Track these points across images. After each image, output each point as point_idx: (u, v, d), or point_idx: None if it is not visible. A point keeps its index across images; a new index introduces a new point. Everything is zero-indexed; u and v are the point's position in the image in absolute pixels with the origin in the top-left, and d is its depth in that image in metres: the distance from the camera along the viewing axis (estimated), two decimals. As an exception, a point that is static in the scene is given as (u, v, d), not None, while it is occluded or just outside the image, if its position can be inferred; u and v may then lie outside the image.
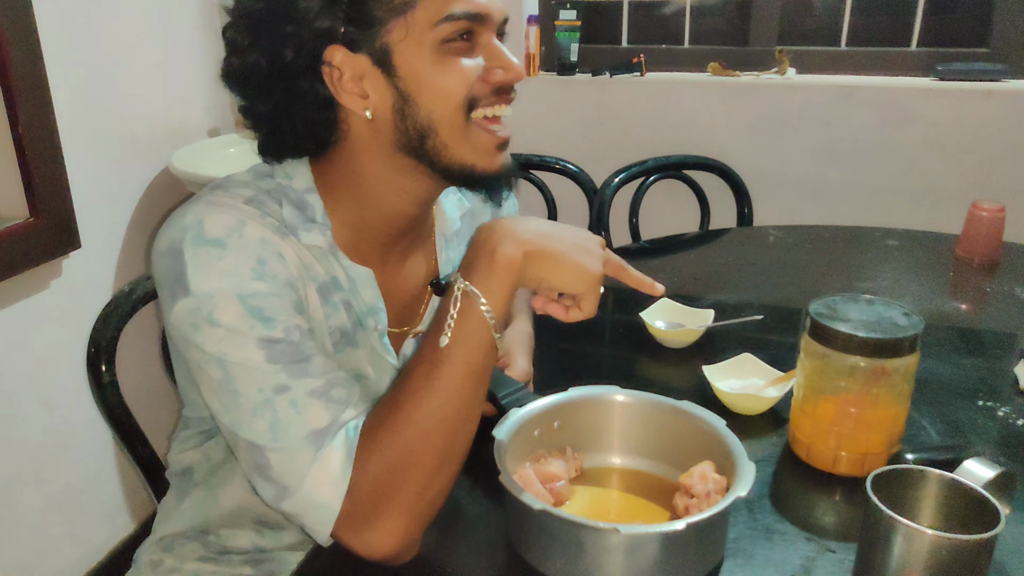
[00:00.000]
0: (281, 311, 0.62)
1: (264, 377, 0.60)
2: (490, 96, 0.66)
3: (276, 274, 0.62)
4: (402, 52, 0.63)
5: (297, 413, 0.60)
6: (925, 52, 1.79)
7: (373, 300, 0.72)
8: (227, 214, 0.63)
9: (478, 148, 0.67)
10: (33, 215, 1.27)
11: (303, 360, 0.61)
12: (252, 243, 0.62)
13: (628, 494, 0.69)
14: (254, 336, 0.60)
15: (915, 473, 0.59)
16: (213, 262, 0.61)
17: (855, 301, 0.74)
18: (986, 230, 1.27)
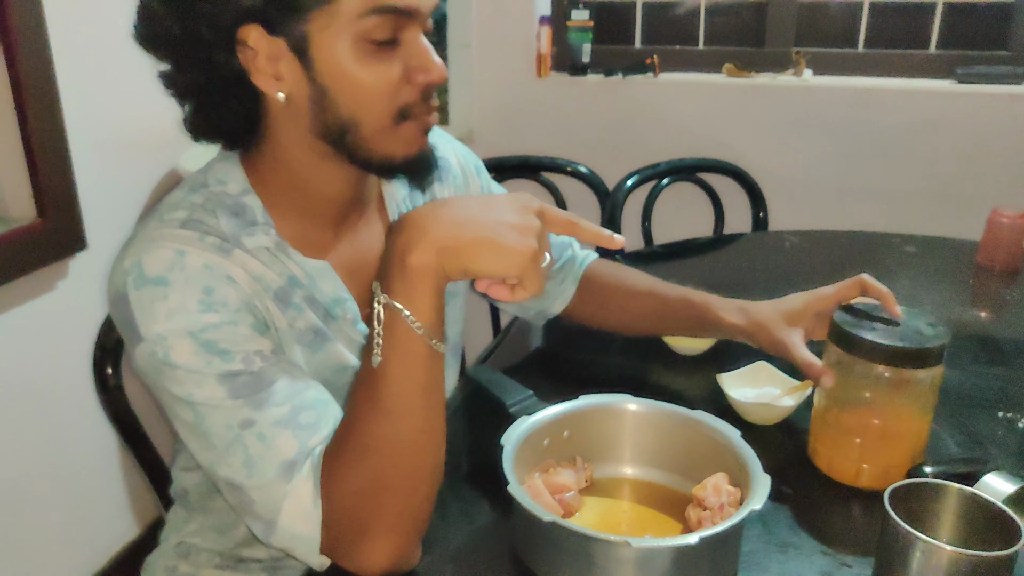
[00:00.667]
0: (237, 340, 0.60)
1: (230, 414, 0.59)
2: (421, 104, 0.64)
3: (226, 301, 0.61)
4: (321, 44, 0.60)
5: (266, 447, 0.59)
6: (944, 55, 1.76)
7: (335, 291, 0.70)
8: (164, 247, 0.61)
9: (403, 141, 0.65)
10: (40, 216, 1.27)
11: (266, 388, 0.60)
12: (195, 274, 0.61)
13: (639, 505, 0.68)
14: (213, 373, 0.59)
15: (934, 487, 0.58)
16: (158, 303, 0.59)
17: (880, 309, 0.73)
18: (1007, 237, 1.25)
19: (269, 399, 0.60)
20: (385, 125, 0.63)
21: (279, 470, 0.59)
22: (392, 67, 0.62)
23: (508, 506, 0.62)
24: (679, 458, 0.69)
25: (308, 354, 0.69)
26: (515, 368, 0.95)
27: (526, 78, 1.95)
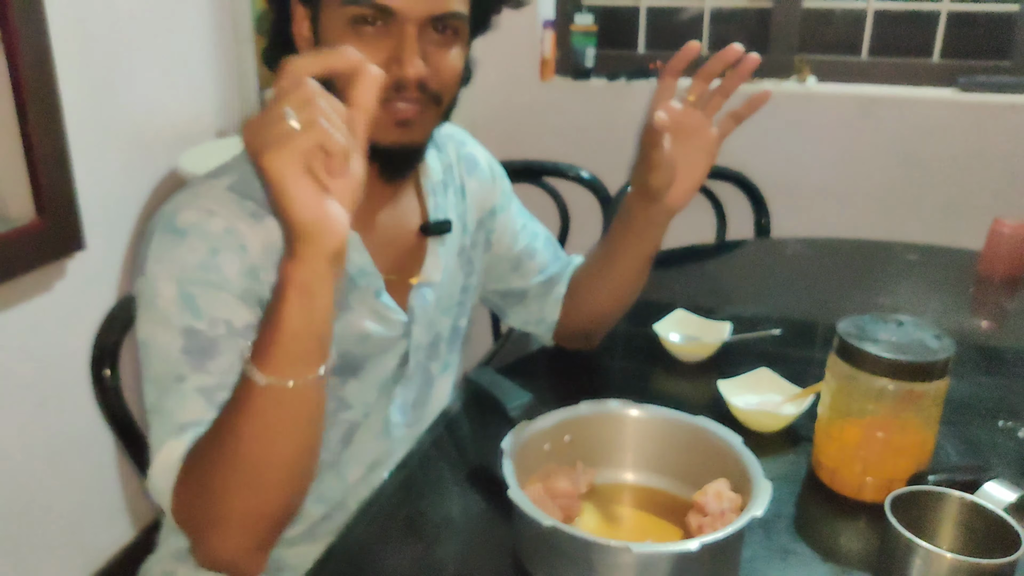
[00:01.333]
0: (214, 304, 0.65)
1: (173, 365, 0.64)
2: (390, 91, 0.67)
3: (223, 267, 0.65)
4: (326, 19, 0.68)
5: (180, 405, 0.64)
6: (947, 64, 1.77)
7: (361, 262, 0.74)
8: (202, 204, 0.67)
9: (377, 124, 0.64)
10: (39, 216, 1.27)
11: (211, 357, 0.64)
12: (213, 234, 0.66)
13: (640, 511, 0.68)
14: (180, 325, 0.64)
15: (935, 495, 0.58)
16: (170, 249, 0.66)
17: (884, 321, 0.72)
18: (1008, 247, 1.25)
19: (207, 366, 0.64)
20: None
21: (176, 428, 0.63)
22: (374, 52, 0.67)
23: (509, 511, 0.62)
24: (680, 464, 0.69)
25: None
26: (515, 373, 0.95)
27: (529, 82, 1.95)
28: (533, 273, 0.94)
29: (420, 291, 0.80)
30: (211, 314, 0.65)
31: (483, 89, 1.97)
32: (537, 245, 0.95)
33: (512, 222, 0.93)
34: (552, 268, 0.95)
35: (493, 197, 0.91)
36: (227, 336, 0.65)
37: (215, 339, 0.65)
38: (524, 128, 1.97)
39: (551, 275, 0.94)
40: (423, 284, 0.80)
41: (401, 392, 0.81)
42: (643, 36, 2.01)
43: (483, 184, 0.90)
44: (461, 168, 0.88)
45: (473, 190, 0.88)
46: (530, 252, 0.94)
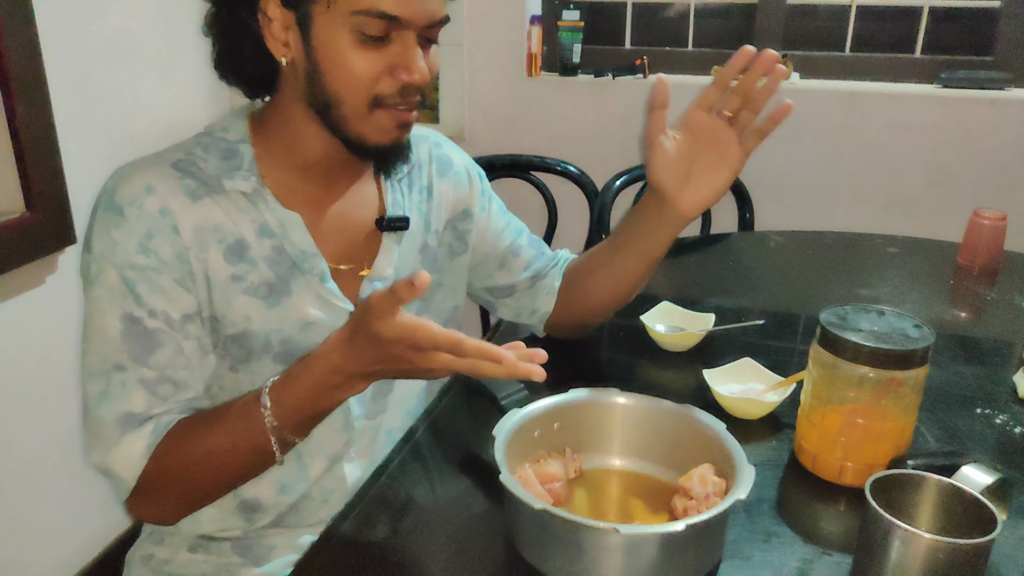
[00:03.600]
0: (152, 290, 0.69)
1: (112, 350, 0.69)
2: (395, 96, 0.70)
3: (159, 250, 0.69)
4: (320, 25, 0.67)
5: (122, 394, 0.69)
6: (929, 59, 1.79)
7: (305, 244, 0.75)
8: (141, 179, 0.70)
9: (377, 128, 0.72)
10: (29, 209, 1.26)
11: (149, 350, 0.69)
12: (147, 216, 0.69)
13: (627, 495, 0.69)
14: (120, 309, 0.69)
15: (914, 478, 0.59)
16: (110, 229, 0.69)
17: (866, 311, 0.74)
18: (987, 238, 1.27)
19: (146, 359, 0.69)
20: (361, 109, 0.70)
21: (121, 417, 0.69)
22: (379, 60, 0.68)
23: (500, 495, 0.63)
24: (666, 450, 0.70)
25: (263, 308, 0.74)
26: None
27: (517, 78, 1.95)
28: (520, 269, 0.95)
29: (371, 285, 0.80)
30: (150, 305, 0.69)
31: (471, 85, 1.98)
32: (521, 242, 0.96)
33: (494, 222, 0.94)
34: (538, 263, 0.96)
35: (468, 200, 0.91)
36: (166, 329, 0.70)
37: (154, 331, 0.69)
38: (512, 123, 1.97)
39: (537, 269, 0.95)
40: (374, 278, 0.80)
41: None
42: (629, 32, 2.02)
43: (457, 186, 0.90)
44: (431, 168, 0.88)
45: (444, 191, 0.88)
46: (515, 249, 0.95)
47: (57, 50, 1.31)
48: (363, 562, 0.62)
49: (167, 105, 1.64)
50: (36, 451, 1.38)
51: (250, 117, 0.77)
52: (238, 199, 0.73)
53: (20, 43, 1.21)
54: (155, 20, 1.57)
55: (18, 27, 1.21)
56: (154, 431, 0.69)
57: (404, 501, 0.70)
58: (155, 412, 0.70)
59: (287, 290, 0.75)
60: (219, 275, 0.72)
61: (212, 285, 0.72)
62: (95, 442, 0.70)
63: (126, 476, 0.69)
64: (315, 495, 0.81)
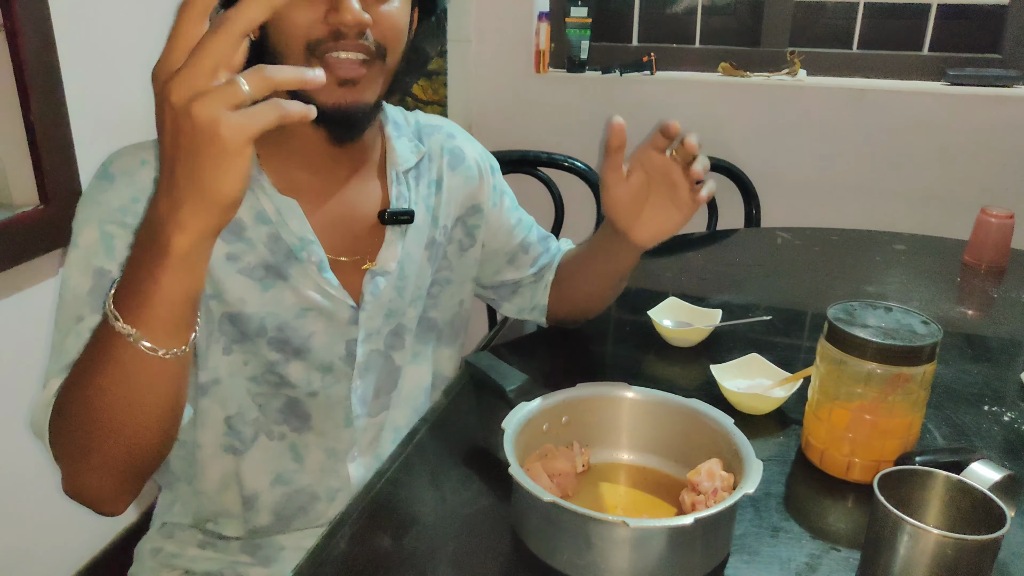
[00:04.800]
0: (126, 245, 0.67)
1: (77, 304, 0.67)
2: (328, 41, 0.66)
3: (141, 212, 0.67)
4: None
5: (75, 341, 0.66)
6: (937, 57, 1.79)
7: (302, 231, 0.74)
8: (137, 154, 0.69)
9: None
10: (43, 203, 1.27)
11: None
12: (139, 182, 0.68)
13: (635, 490, 0.69)
14: (94, 265, 0.67)
15: (922, 474, 0.59)
16: (99, 193, 0.68)
17: (873, 307, 0.74)
18: (995, 237, 1.27)
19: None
20: (298, 59, 0.66)
21: (61, 367, 0.65)
22: (314, 7, 0.65)
23: (508, 488, 0.64)
24: (674, 444, 0.70)
25: (258, 291, 0.73)
26: (513, 357, 0.96)
27: (525, 74, 1.96)
28: (527, 265, 0.95)
29: (374, 279, 0.79)
30: (122, 258, 0.67)
31: (480, 81, 1.98)
32: (532, 239, 0.96)
33: (506, 218, 0.93)
34: (543, 259, 0.96)
35: (479, 194, 0.90)
36: None
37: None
38: (520, 119, 1.97)
39: (543, 265, 0.96)
40: (376, 272, 0.79)
41: (361, 383, 0.80)
42: (637, 29, 2.02)
43: (468, 180, 0.88)
44: (442, 161, 0.87)
45: (454, 185, 0.87)
46: (525, 246, 0.95)
47: (72, 45, 1.31)
48: (369, 558, 0.62)
49: None
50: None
51: None
52: None
53: (36, 39, 1.22)
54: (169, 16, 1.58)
55: (35, 23, 1.22)
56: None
57: (410, 497, 0.70)
58: None
59: (284, 274, 0.73)
60: (215, 252, 0.68)
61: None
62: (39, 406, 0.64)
63: (39, 421, 0.63)
64: (320, 494, 0.80)
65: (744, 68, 1.87)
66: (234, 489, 0.79)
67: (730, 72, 1.86)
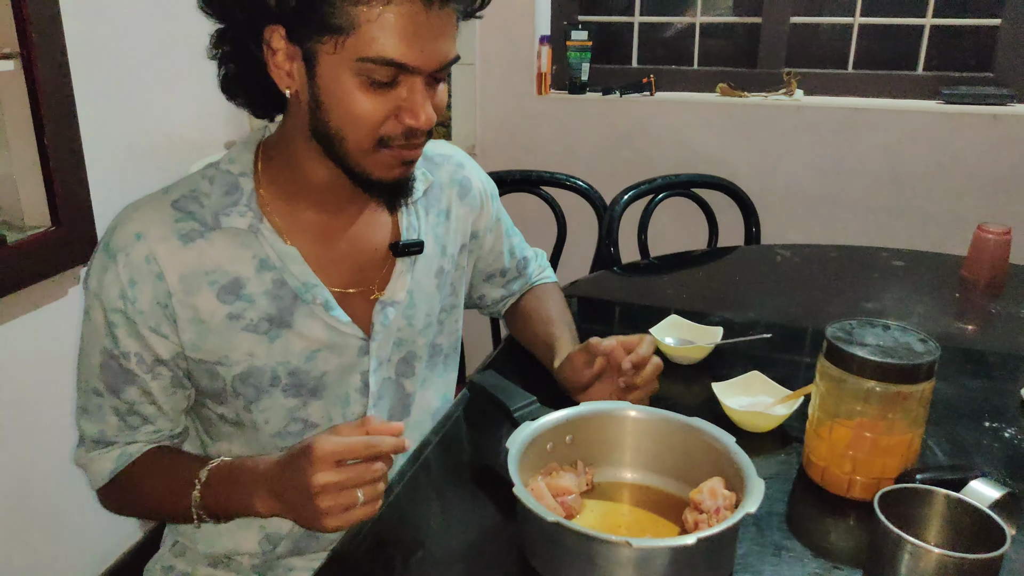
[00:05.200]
0: (130, 335, 0.73)
1: (92, 377, 0.75)
2: (400, 138, 0.69)
3: (138, 298, 0.72)
4: (326, 64, 0.66)
5: (99, 416, 0.76)
6: (931, 76, 1.81)
7: (305, 276, 0.75)
8: (134, 226, 0.72)
9: (380, 164, 0.71)
10: (55, 224, 1.30)
11: (122, 384, 0.75)
12: (132, 265, 0.71)
13: (638, 508, 0.70)
14: (101, 344, 0.74)
15: (923, 492, 0.60)
16: (102, 272, 0.73)
17: (872, 326, 0.74)
18: (992, 252, 1.28)
19: (119, 392, 0.75)
20: (365, 147, 0.69)
21: (95, 437, 0.77)
22: (384, 103, 0.67)
23: (512, 508, 0.64)
24: (677, 463, 0.71)
25: (265, 343, 0.74)
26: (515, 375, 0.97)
27: (527, 96, 1.99)
28: (499, 286, 1.02)
29: (384, 309, 0.80)
30: (125, 347, 0.73)
31: (484, 103, 2.02)
32: (513, 264, 1.01)
33: (497, 243, 0.97)
34: (516, 284, 1.03)
35: (479, 222, 0.93)
36: (137, 370, 0.74)
37: (128, 369, 0.74)
38: (523, 140, 2.00)
39: (512, 292, 1.03)
40: (386, 302, 0.80)
41: (375, 411, 0.82)
42: (636, 51, 2.05)
43: (472, 210, 0.91)
44: (452, 192, 0.89)
45: (461, 215, 0.90)
46: (505, 271, 1.00)
47: (84, 70, 1.34)
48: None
49: (189, 122, 1.68)
50: (58, 457, 1.40)
51: (260, 146, 0.77)
52: (238, 234, 0.73)
53: (51, 67, 1.25)
54: (177, 43, 1.61)
55: (50, 51, 1.25)
56: (119, 458, 0.77)
57: (415, 517, 0.71)
58: (123, 439, 0.77)
59: (288, 322, 0.75)
60: (214, 316, 0.72)
61: (207, 327, 0.72)
62: (79, 442, 0.80)
63: (94, 483, 0.79)
64: None
65: (742, 89, 1.89)
66: (255, 527, 0.80)
67: (728, 93, 1.89)
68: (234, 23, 0.69)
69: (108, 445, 0.77)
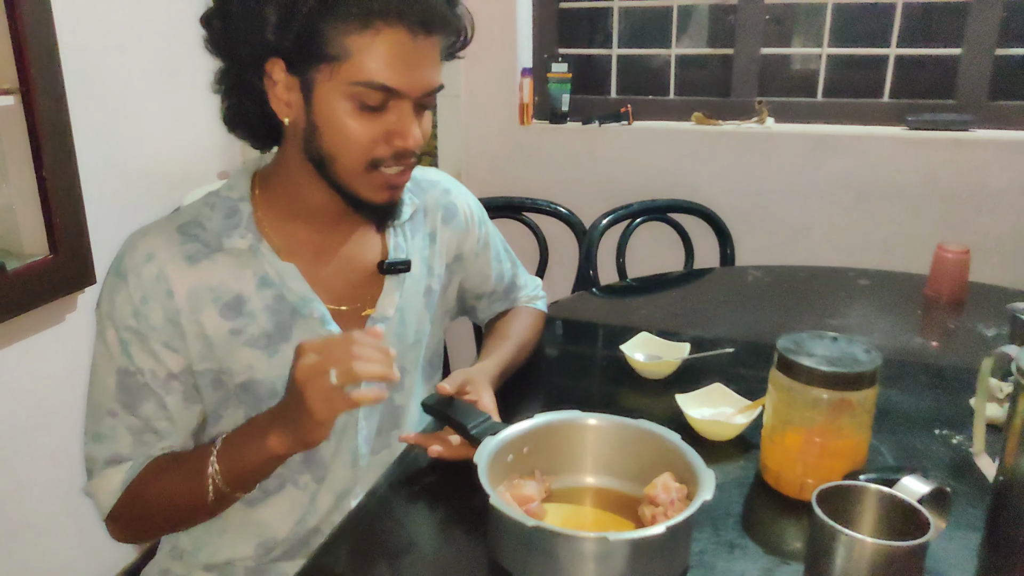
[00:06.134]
0: (143, 351, 0.76)
1: (107, 398, 0.77)
2: (390, 160, 0.75)
3: (151, 315, 0.75)
4: (321, 91, 0.72)
5: (112, 437, 0.78)
6: (896, 103, 1.89)
7: (303, 291, 0.80)
8: (143, 249, 0.76)
9: (370, 186, 0.76)
10: (52, 252, 1.34)
11: (140, 400, 0.77)
12: (143, 283, 0.75)
13: (597, 509, 0.74)
14: (116, 364, 0.76)
15: (858, 489, 0.64)
16: (114, 293, 0.76)
17: (820, 338, 0.78)
18: (952, 271, 1.33)
19: (135, 410, 0.77)
20: (357, 169, 0.75)
21: (109, 456, 0.78)
22: (375, 126, 0.73)
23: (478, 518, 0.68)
24: (629, 464, 0.74)
25: (264, 358, 0.79)
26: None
27: (510, 125, 2.05)
28: (486, 308, 1.06)
29: (373, 325, 0.84)
30: (139, 363, 0.76)
31: (469, 133, 2.09)
32: (500, 288, 1.05)
33: (483, 266, 1.01)
34: (498, 306, 1.07)
35: (464, 245, 0.97)
36: (152, 386, 0.77)
37: (143, 385, 0.76)
38: (506, 168, 2.06)
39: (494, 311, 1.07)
40: (376, 318, 0.84)
41: (365, 424, 0.86)
42: (615, 82, 2.13)
43: (456, 233, 0.96)
44: (437, 215, 0.94)
45: (446, 239, 0.94)
46: (492, 293, 1.04)
47: (82, 105, 1.39)
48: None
49: (182, 154, 1.73)
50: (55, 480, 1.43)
51: (257, 174, 0.82)
52: (238, 255, 0.78)
53: (49, 100, 1.30)
54: (172, 75, 1.68)
55: (48, 86, 1.29)
56: (131, 468, 0.77)
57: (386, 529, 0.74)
58: (137, 456, 0.78)
59: (287, 336, 0.79)
60: (218, 332, 0.77)
61: (212, 341, 0.77)
62: (88, 470, 0.80)
63: (104, 503, 0.78)
64: (323, 529, 0.85)
65: (716, 117, 1.97)
66: (251, 534, 0.84)
67: (703, 121, 1.96)
68: (238, 60, 0.74)
69: (120, 463, 0.78)
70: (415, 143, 0.74)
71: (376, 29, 0.69)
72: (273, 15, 0.69)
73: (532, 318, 1.07)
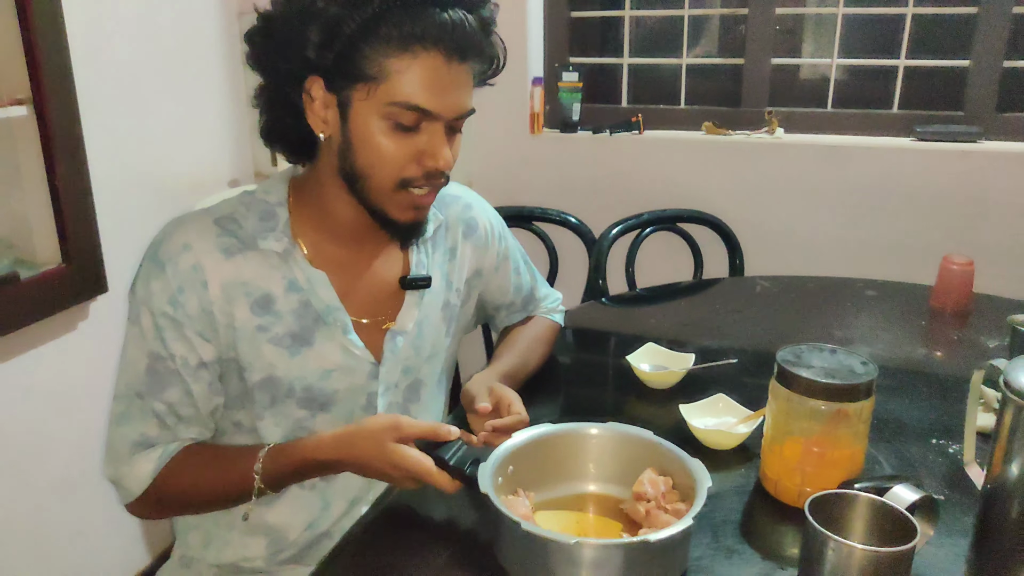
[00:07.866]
0: (177, 338, 0.78)
1: (136, 380, 0.79)
2: (420, 179, 0.78)
3: (187, 303, 0.78)
4: (358, 109, 0.75)
5: (140, 420, 0.80)
6: (905, 115, 1.90)
7: (330, 299, 0.83)
8: (183, 235, 0.78)
9: (397, 205, 0.80)
10: (65, 261, 1.35)
11: (167, 386, 0.79)
12: (182, 272, 0.78)
13: (586, 514, 0.76)
14: (149, 347, 0.79)
15: (849, 497, 0.67)
16: (151, 279, 0.78)
17: (819, 350, 0.81)
18: (957, 282, 1.34)
19: (162, 394, 0.79)
20: (387, 187, 0.78)
21: (135, 440, 0.80)
22: (407, 146, 0.76)
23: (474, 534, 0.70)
24: (611, 468, 0.77)
25: (286, 357, 0.82)
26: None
27: (521, 135, 2.07)
28: (504, 319, 1.08)
29: (394, 338, 0.87)
30: (172, 349, 0.78)
31: (479, 143, 2.12)
32: (518, 300, 1.07)
33: (502, 280, 1.04)
34: (516, 317, 1.09)
35: (483, 260, 1.00)
36: (182, 371, 0.79)
37: (173, 371, 0.79)
38: (516, 178, 2.08)
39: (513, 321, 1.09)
40: (396, 332, 0.87)
41: None
42: (626, 92, 2.15)
43: (477, 248, 0.99)
44: (458, 230, 0.96)
45: (466, 253, 0.97)
46: (510, 305, 1.07)
47: (94, 115, 1.40)
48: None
49: (194, 163, 1.74)
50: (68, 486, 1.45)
51: (291, 182, 0.84)
52: (271, 256, 0.80)
53: (61, 111, 1.31)
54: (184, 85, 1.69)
55: (60, 94, 1.31)
56: (160, 456, 0.80)
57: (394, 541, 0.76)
58: (164, 439, 0.81)
59: (309, 341, 0.82)
60: (246, 326, 0.80)
61: (238, 335, 0.80)
62: (110, 456, 0.81)
63: (133, 489, 0.81)
64: (334, 533, 0.88)
65: (726, 127, 1.98)
66: (262, 535, 0.87)
67: (713, 131, 1.98)
68: (278, 76, 0.77)
69: (149, 447, 0.80)
70: (445, 164, 0.77)
71: (414, 53, 0.72)
72: (316, 35, 0.72)
73: (544, 329, 1.09)
